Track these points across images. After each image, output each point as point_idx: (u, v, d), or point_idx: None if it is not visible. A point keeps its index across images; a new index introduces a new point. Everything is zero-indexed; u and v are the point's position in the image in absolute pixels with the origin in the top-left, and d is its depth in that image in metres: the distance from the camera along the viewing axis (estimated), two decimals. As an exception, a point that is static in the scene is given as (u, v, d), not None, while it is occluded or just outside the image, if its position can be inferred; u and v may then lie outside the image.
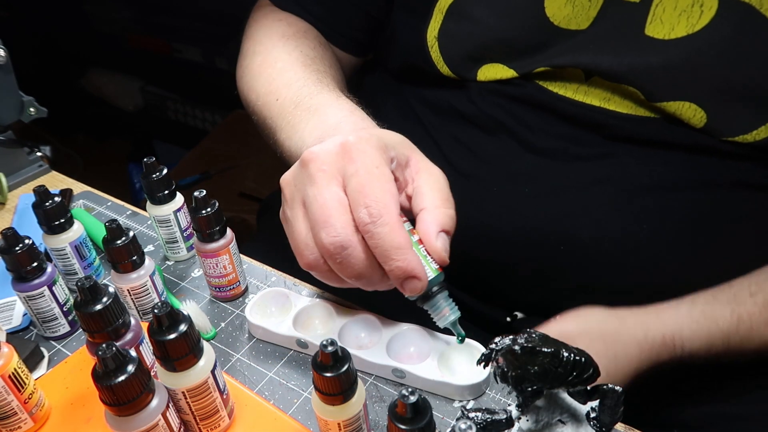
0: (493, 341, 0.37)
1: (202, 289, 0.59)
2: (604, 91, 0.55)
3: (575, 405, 0.40)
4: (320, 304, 0.53)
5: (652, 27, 0.52)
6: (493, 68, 0.59)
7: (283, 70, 0.62)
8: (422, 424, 0.33)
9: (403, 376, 0.48)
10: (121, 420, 0.37)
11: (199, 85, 1.85)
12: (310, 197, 0.42)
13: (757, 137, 0.52)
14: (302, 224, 0.43)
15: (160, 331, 0.38)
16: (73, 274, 0.58)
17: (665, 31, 0.51)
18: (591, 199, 0.55)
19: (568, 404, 0.40)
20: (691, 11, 0.50)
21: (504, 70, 0.59)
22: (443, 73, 0.62)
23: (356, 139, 0.43)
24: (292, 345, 0.51)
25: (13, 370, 0.42)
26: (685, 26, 0.51)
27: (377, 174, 0.42)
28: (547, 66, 0.56)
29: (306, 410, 0.47)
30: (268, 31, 0.68)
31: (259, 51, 0.67)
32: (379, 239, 0.40)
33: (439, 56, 0.61)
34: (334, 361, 0.37)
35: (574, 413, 0.39)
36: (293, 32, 0.67)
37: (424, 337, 0.50)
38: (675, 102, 0.52)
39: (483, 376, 0.46)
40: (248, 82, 0.66)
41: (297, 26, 0.69)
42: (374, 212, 0.40)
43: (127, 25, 1.92)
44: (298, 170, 0.45)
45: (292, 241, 0.45)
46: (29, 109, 0.75)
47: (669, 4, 0.51)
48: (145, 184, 0.58)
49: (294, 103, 0.57)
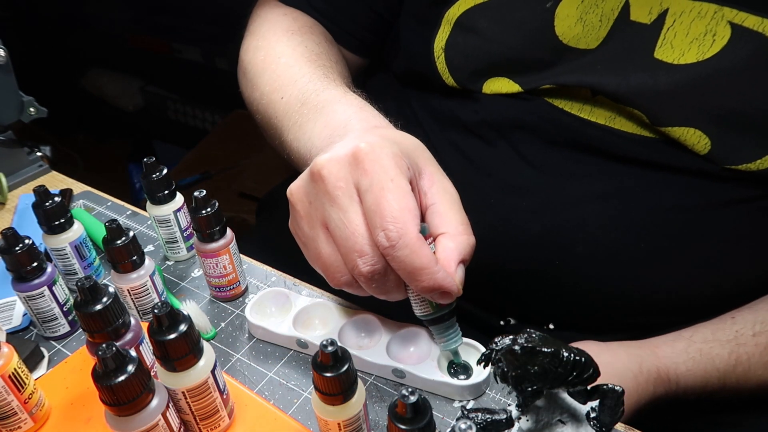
0: (494, 341, 0.37)
1: (202, 289, 0.59)
2: (609, 110, 0.55)
3: (575, 405, 0.40)
4: (320, 304, 0.53)
5: (662, 51, 0.51)
6: (498, 82, 0.58)
7: (287, 66, 0.61)
8: (422, 424, 0.33)
9: (403, 376, 0.48)
10: (121, 420, 0.37)
11: (199, 85, 1.85)
12: (335, 220, 0.41)
13: (761, 166, 0.51)
14: (328, 247, 0.42)
15: (160, 331, 0.38)
16: (73, 274, 0.58)
17: (675, 56, 0.51)
18: (589, 215, 0.55)
19: (568, 404, 0.40)
20: (703, 40, 0.49)
21: (510, 85, 0.58)
22: (448, 84, 0.61)
23: (368, 147, 0.41)
24: (292, 345, 0.51)
25: (13, 370, 0.42)
26: (696, 53, 0.50)
27: (392, 188, 0.40)
28: (552, 84, 0.56)
29: (306, 410, 0.47)
30: (272, 26, 0.67)
31: (262, 46, 0.65)
32: (401, 263, 0.39)
33: (445, 67, 0.60)
34: (334, 361, 0.37)
35: (574, 413, 0.39)
36: (298, 27, 0.66)
37: (424, 337, 0.50)
38: (680, 128, 0.51)
39: (483, 376, 0.46)
40: (251, 78, 0.64)
41: (302, 21, 0.67)
42: (393, 236, 0.39)
43: (127, 25, 1.92)
44: (310, 185, 0.43)
45: (318, 262, 0.44)
46: (29, 109, 0.75)
47: (681, 30, 0.50)
48: (145, 184, 0.58)
49: (300, 101, 0.56)
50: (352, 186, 0.41)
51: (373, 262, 0.40)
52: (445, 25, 0.59)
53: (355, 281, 0.43)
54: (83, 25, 2.02)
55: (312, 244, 0.44)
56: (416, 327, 0.50)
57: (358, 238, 0.40)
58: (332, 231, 0.42)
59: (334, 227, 0.41)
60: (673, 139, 0.52)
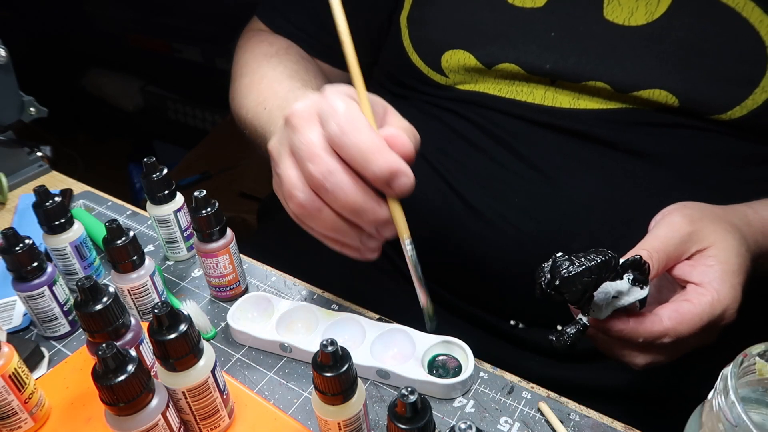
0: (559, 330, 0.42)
1: (202, 289, 0.59)
2: (572, 91, 0.56)
3: (615, 284, 0.42)
4: (302, 307, 0.53)
5: (611, 9, 0.53)
6: (455, 54, 0.59)
7: (269, 84, 0.63)
8: (422, 424, 0.33)
9: (388, 376, 0.48)
10: (121, 420, 0.37)
11: (199, 85, 1.85)
12: (295, 143, 0.43)
13: (732, 116, 0.52)
14: (291, 170, 0.43)
15: (160, 331, 0.38)
16: (73, 274, 0.58)
17: (624, 16, 0.52)
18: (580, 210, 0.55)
19: (611, 287, 0.42)
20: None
21: (467, 57, 0.59)
22: (416, 65, 0.62)
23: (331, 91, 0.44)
24: (276, 349, 0.51)
25: (13, 369, 0.42)
26: (644, 13, 0.51)
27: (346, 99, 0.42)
28: (511, 62, 0.57)
29: (306, 410, 0.47)
30: (252, 54, 0.70)
31: (245, 72, 0.68)
32: (353, 146, 0.40)
33: (409, 42, 0.62)
34: (334, 361, 0.37)
35: (619, 288, 0.42)
36: (275, 51, 0.69)
37: (408, 337, 0.50)
38: (646, 90, 0.53)
39: (467, 374, 0.46)
40: (239, 101, 0.67)
41: (278, 45, 0.70)
42: (343, 122, 0.40)
43: (127, 25, 1.92)
44: (282, 129, 0.45)
45: (284, 191, 0.44)
46: (29, 109, 0.75)
47: None
48: (145, 184, 0.58)
49: (281, 108, 0.57)
50: (314, 114, 0.43)
51: (321, 162, 0.41)
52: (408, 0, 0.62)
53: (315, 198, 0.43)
54: (83, 25, 2.02)
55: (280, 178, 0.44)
56: (400, 327, 0.50)
57: (310, 146, 0.41)
58: (294, 154, 0.43)
59: (295, 150, 0.43)
60: (643, 100, 0.54)
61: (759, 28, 0.49)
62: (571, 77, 0.55)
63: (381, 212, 0.42)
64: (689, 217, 0.46)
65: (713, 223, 0.46)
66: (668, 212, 0.47)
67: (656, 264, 0.43)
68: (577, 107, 0.56)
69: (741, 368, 0.33)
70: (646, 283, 0.42)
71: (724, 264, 0.44)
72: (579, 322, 0.42)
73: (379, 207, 0.42)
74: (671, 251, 0.44)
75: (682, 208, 0.47)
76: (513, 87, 0.58)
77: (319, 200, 0.42)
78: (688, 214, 0.46)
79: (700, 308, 0.42)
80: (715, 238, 0.45)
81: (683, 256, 0.45)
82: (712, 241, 0.45)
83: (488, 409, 0.46)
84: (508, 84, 0.58)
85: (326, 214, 0.43)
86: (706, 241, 0.45)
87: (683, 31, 0.51)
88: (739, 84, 0.51)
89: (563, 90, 0.56)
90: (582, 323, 0.42)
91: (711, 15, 0.50)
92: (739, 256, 0.45)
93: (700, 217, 0.46)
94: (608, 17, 0.53)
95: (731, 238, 0.45)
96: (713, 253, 0.44)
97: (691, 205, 0.48)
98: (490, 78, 0.59)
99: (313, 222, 0.44)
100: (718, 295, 0.43)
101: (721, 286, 0.43)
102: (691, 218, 0.46)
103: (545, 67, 0.55)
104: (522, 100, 0.58)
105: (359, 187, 0.42)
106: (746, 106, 0.51)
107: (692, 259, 0.45)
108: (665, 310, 0.43)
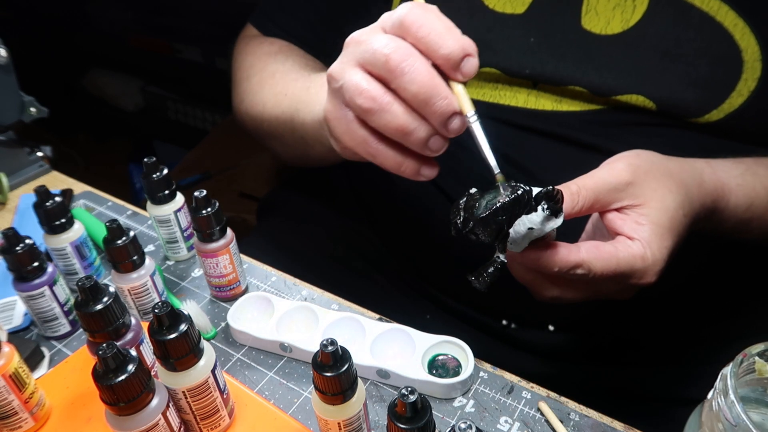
0: None
1: (203, 289, 0.59)
2: (553, 94, 0.56)
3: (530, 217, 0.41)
4: (302, 306, 0.53)
5: (588, 18, 0.53)
6: None
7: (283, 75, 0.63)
8: (422, 424, 0.33)
9: (388, 376, 0.48)
10: (122, 419, 0.37)
11: (199, 85, 1.85)
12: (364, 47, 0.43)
13: (710, 119, 0.52)
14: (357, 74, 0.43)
15: (161, 331, 0.38)
16: (73, 273, 0.58)
17: (601, 25, 0.52)
18: None
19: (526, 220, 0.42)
20: (624, 5, 0.51)
21: None
22: None
23: None
24: (276, 349, 0.51)
25: (13, 369, 0.42)
26: (620, 21, 0.52)
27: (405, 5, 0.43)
28: (492, 67, 0.57)
29: (306, 410, 0.47)
30: (255, 56, 0.70)
31: (252, 73, 0.68)
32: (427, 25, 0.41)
33: None
34: (334, 360, 0.37)
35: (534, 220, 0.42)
36: (278, 49, 0.69)
37: (408, 337, 0.50)
38: (624, 95, 0.53)
39: (467, 374, 0.46)
40: (251, 101, 0.66)
41: (278, 45, 0.70)
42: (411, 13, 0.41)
43: (127, 25, 1.92)
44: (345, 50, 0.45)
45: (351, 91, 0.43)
46: (30, 109, 0.75)
47: None
48: (145, 184, 0.58)
49: (305, 87, 0.57)
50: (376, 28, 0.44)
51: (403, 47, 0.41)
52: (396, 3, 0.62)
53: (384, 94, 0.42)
54: (84, 25, 2.02)
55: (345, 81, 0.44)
56: (399, 326, 0.50)
57: (385, 40, 0.42)
58: (362, 58, 0.43)
59: (365, 51, 0.43)
60: (621, 104, 0.54)
61: (733, 32, 0.49)
62: (550, 82, 0.55)
63: (452, 99, 0.42)
64: (633, 167, 0.45)
65: (656, 180, 0.45)
66: (618, 157, 0.47)
67: (581, 201, 0.43)
68: (559, 109, 0.56)
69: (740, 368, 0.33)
70: (560, 211, 0.41)
71: (654, 224, 0.43)
72: (496, 261, 0.42)
73: (449, 93, 0.42)
74: (601, 194, 0.43)
75: (633, 157, 0.46)
76: (496, 91, 0.58)
77: (389, 93, 0.42)
78: (633, 164, 0.45)
79: (622, 254, 0.42)
80: (653, 196, 0.44)
81: (613, 203, 0.44)
82: (648, 198, 0.44)
83: (488, 409, 0.46)
84: (491, 88, 0.59)
85: (396, 107, 0.42)
86: (642, 198, 0.44)
87: (657, 37, 0.51)
88: (715, 88, 0.51)
89: (545, 93, 0.56)
90: (500, 260, 0.42)
91: (685, 20, 0.50)
92: (673, 219, 0.44)
93: (646, 170, 0.45)
94: (586, 27, 0.53)
95: (670, 200, 0.44)
96: (646, 212, 0.44)
97: (645, 156, 0.47)
98: (473, 82, 0.59)
99: (384, 116, 0.43)
100: (647, 251, 0.42)
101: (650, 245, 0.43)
102: (635, 169, 0.45)
103: (525, 72, 0.56)
104: (505, 103, 0.58)
105: (433, 71, 0.42)
106: (723, 109, 0.51)
107: (624, 212, 0.45)
108: (585, 244, 0.42)
